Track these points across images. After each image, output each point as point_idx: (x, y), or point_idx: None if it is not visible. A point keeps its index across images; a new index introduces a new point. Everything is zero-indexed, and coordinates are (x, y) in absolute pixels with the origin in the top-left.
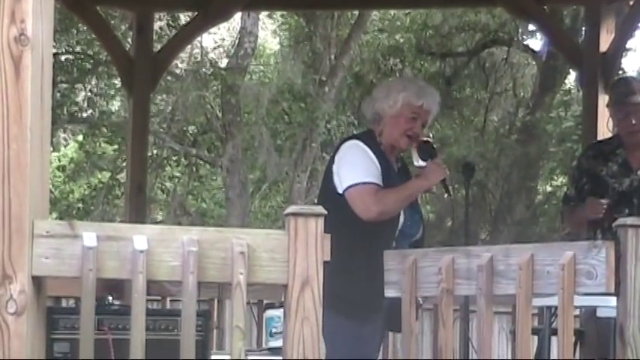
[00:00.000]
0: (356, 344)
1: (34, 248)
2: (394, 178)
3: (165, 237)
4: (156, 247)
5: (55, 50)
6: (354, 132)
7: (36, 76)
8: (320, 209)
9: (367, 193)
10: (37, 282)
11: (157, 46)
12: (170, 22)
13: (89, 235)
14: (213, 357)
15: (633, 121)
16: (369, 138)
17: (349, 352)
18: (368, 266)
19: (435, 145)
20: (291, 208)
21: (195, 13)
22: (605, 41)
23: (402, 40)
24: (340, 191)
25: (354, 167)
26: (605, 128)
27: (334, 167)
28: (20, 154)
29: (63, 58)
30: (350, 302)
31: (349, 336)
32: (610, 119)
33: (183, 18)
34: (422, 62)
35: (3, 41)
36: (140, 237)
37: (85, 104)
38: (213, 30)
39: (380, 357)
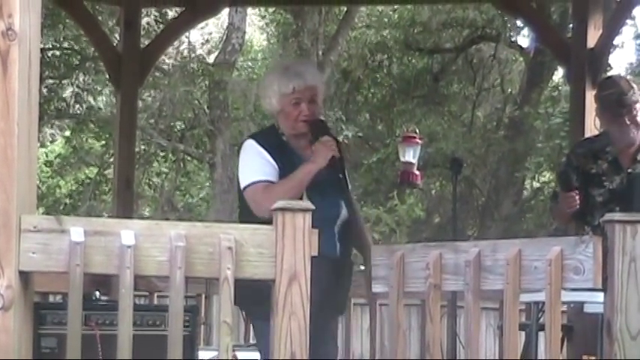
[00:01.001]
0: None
1: (22, 243)
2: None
3: (153, 232)
4: (143, 242)
5: (42, 45)
6: (342, 127)
7: (23, 70)
8: (307, 204)
9: (257, 191)
10: (25, 277)
11: (145, 42)
12: (158, 18)
13: (76, 230)
14: (200, 353)
15: (627, 121)
16: (267, 134)
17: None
18: None
19: (327, 124)
20: (279, 204)
21: (183, 9)
22: (593, 37)
23: (389, 36)
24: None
25: (246, 168)
26: (592, 125)
27: (237, 169)
28: (7, 148)
29: (50, 53)
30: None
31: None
32: (607, 124)
33: (171, 14)
34: (409, 58)
35: None
36: (128, 232)
37: (73, 100)
38: (200, 25)
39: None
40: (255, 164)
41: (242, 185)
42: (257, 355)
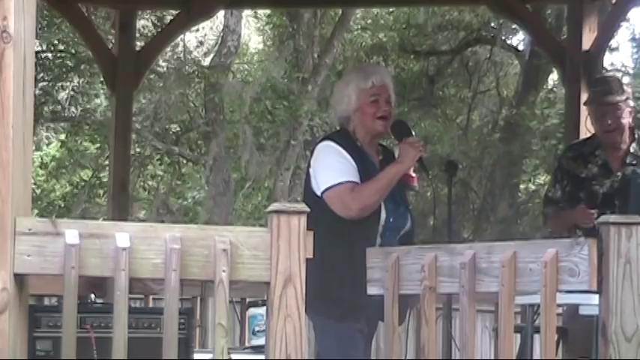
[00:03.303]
0: (346, 344)
1: (16, 246)
2: (376, 173)
3: (148, 234)
4: (138, 245)
5: (37, 48)
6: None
7: (18, 73)
8: (302, 206)
9: (344, 192)
10: (20, 280)
11: (140, 45)
12: (153, 21)
13: (71, 232)
14: (196, 355)
15: (609, 121)
16: (342, 136)
17: (341, 353)
18: (351, 266)
19: (408, 124)
20: (274, 206)
21: (178, 11)
22: (588, 39)
23: (385, 39)
24: (319, 194)
25: (328, 168)
26: (586, 127)
27: (311, 171)
28: (2, 151)
29: (45, 56)
30: (336, 303)
31: (339, 337)
32: (593, 123)
33: (167, 16)
34: (405, 61)
35: None
36: (123, 234)
37: (68, 102)
38: (196, 28)
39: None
40: (337, 165)
41: (323, 187)
42: (252, 357)
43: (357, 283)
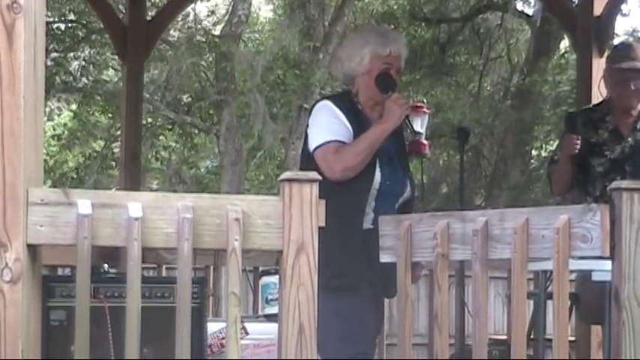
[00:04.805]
0: (338, 320)
1: (29, 216)
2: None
3: (160, 204)
4: (151, 214)
5: (47, 19)
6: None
7: (29, 44)
8: (314, 175)
9: (329, 152)
10: (32, 250)
11: (151, 14)
12: None
13: (84, 202)
14: (209, 324)
15: (632, 87)
16: (342, 98)
17: (343, 326)
18: (342, 232)
19: (393, 77)
20: (286, 174)
21: None
22: (599, 5)
23: (395, 7)
24: (311, 152)
25: (320, 128)
26: (598, 92)
27: (308, 130)
28: (14, 122)
29: (56, 26)
30: (331, 274)
31: (331, 312)
32: (602, 81)
33: None
34: (416, 28)
35: None
36: (135, 204)
37: (79, 73)
38: None
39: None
40: (328, 124)
41: (312, 146)
42: (265, 326)
43: (347, 250)
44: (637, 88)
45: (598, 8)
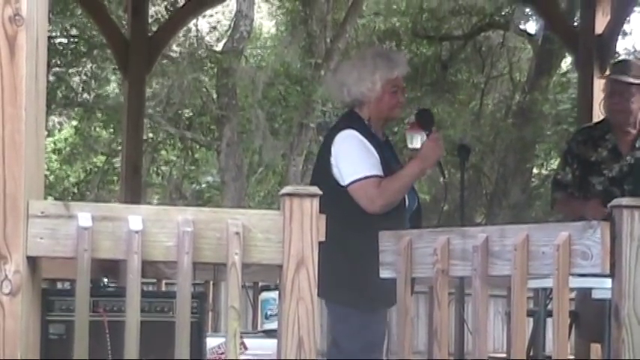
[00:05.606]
0: (365, 333)
1: (29, 228)
2: (387, 154)
3: (161, 217)
4: (151, 228)
5: (49, 33)
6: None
7: (31, 56)
8: (315, 189)
9: (370, 187)
10: (32, 262)
11: (153, 29)
12: (166, 6)
13: (84, 215)
14: (208, 339)
15: (615, 100)
16: (358, 124)
17: (360, 342)
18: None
19: (432, 114)
20: (287, 189)
21: None
22: (601, 23)
23: (398, 24)
24: (343, 184)
25: (354, 160)
26: (599, 111)
27: (332, 159)
28: (15, 134)
29: (58, 41)
30: (361, 293)
31: (359, 326)
32: (602, 101)
33: (179, 0)
34: (418, 46)
35: None
36: (135, 217)
37: (80, 88)
38: (208, 13)
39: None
40: (362, 157)
41: (349, 179)
42: (264, 342)
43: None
44: (621, 103)
45: (600, 27)
